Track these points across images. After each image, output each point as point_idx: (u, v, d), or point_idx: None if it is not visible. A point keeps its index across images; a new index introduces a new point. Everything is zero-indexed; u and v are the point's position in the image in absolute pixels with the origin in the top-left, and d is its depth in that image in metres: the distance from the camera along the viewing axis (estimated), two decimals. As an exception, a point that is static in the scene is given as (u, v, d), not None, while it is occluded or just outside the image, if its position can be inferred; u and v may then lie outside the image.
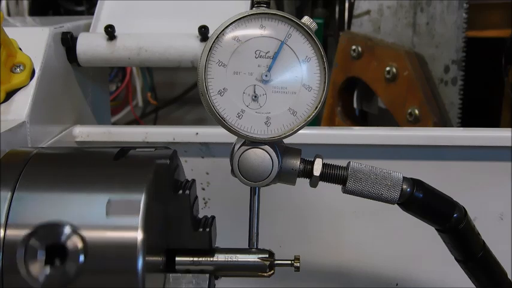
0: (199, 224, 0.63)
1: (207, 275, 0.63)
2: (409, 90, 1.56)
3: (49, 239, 0.52)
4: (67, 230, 0.52)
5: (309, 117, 0.59)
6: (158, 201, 0.57)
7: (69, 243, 0.52)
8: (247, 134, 0.59)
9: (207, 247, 0.63)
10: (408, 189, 0.63)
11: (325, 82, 0.59)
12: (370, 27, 1.70)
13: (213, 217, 0.65)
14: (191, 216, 0.62)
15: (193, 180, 0.65)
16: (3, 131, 0.71)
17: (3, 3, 2.03)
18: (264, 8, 0.59)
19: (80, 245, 0.52)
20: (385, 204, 0.65)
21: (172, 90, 2.83)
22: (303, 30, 0.59)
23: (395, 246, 1.02)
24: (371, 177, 0.63)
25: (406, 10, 1.63)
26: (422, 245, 0.95)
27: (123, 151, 0.60)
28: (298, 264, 0.65)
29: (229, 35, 0.59)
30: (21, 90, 0.83)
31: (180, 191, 0.61)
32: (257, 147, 0.60)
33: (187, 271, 0.63)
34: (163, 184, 0.59)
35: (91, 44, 0.99)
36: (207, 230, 0.63)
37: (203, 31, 0.96)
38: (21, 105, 0.81)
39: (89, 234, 0.53)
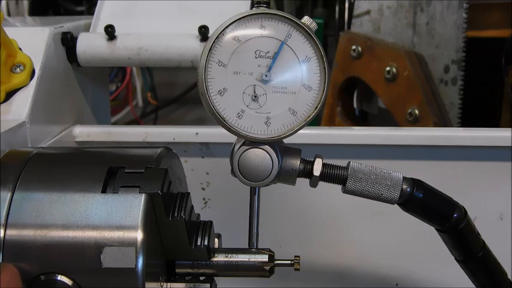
0: (196, 238, 0.61)
1: (208, 285, 0.62)
2: (409, 90, 1.56)
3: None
4: None
5: (309, 117, 0.59)
6: (153, 232, 0.56)
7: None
8: (247, 134, 0.59)
9: (206, 259, 0.62)
10: (408, 189, 0.63)
11: (325, 82, 0.59)
12: (370, 27, 1.70)
13: (210, 223, 0.64)
14: (188, 234, 0.60)
15: (188, 194, 0.62)
16: (3, 131, 0.70)
17: (3, 3, 2.03)
18: (264, 8, 0.59)
19: None
20: (385, 204, 0.65)
21: (172, 90, 2.83)
22: (303, 30, 0.59)
23: (396, 246, 1.02)
24: (371, 177, 0.63)
25: (406, 10, 1.63)
26: (422, 245, 0.95)
27: (112, 171, 0.58)
28: (298, 266, 0.64)
29: (229, 35, 0.58)
30: (21, 90, 0.83)
31: (175, 213, 0.58)
32: (257, 147, 0.60)
33: (188, 274, 0.63)
34: (158, 206, 0.57)
35: (91, 44, 0.99)
36: (205, 244, 0.61)
37: (203, 31, 0.96)
38: (21, 105, 0.81)
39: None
